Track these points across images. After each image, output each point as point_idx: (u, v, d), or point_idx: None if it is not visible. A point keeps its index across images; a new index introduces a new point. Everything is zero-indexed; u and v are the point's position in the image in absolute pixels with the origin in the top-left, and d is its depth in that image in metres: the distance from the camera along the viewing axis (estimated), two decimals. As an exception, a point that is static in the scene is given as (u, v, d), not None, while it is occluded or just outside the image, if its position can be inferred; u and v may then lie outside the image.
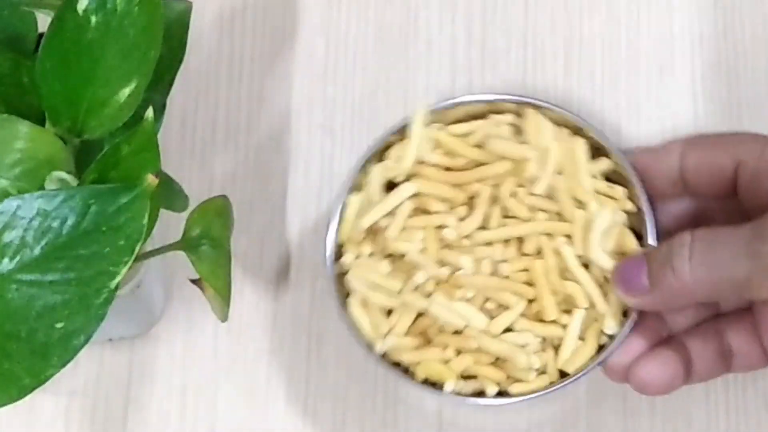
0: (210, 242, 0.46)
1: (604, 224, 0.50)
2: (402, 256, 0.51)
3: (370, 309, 0.51)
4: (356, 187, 0.53)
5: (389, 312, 0.52)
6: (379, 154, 0.54)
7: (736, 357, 0.49)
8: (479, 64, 0.62)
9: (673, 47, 0.61)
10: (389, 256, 0.52)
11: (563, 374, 0.51)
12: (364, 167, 0.53)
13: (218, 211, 0.47)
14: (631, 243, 0.51)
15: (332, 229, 0.52)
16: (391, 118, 0.61)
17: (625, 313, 0.50)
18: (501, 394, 0.50)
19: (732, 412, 0.56)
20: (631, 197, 0.52)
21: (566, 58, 0.62)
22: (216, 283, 0.45)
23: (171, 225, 0.49)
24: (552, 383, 0.50)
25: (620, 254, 0.50)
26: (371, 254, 0.52)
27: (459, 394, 0.50)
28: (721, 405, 0.56)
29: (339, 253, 0.52)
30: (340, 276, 0.52)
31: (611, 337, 0.50)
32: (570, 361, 0.50)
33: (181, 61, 0.46)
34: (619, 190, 0.52)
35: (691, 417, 0.56)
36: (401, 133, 0.53)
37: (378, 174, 0.53)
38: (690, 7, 0.62)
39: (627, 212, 0.52)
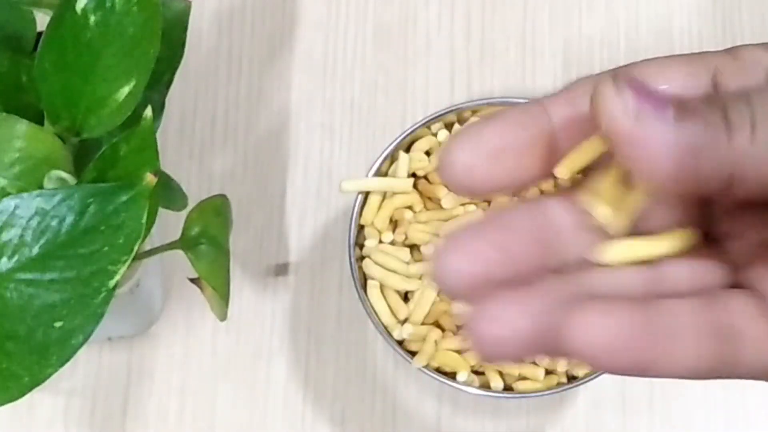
0: (209, 241, 0.46)
1: None
2: (420, 246, 0.53)
3: (388, 295, 0.52)
4: (381, 173, 0.54)
5: (405, 299, 0.53)
6: (406, 144, 0.55)
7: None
8: (478, 63, 0.62)
9: (672, 47, 0.61)
10: (410, 245, 0.54)
11: (570, 378, 0.52)
12: (390, 155, 0.54)
13: (217, 210, 0.47)
14: None
15: (355, 213, 0.53)
16: (390, 117, 0.61)
17: None
18: (506, 391, 0.51)
19: (731, 412, 0.56)
20: None
21: (565, 58, 0.62)
22: (215, 282, 0.45)
23: (170, 224, 0.49)
24: (559, 384, 0.51)
25: None
26: (392, 242, 0.54)
27: (468, 385, 0.51)
28: (720, 405, 0.56)
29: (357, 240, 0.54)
30: (359, 261, 0.53)
31: None
32: (579, 365, 0.51)
33: (179, 60, 0.46)
34: None
35: (690, 417, 0.56)
36: (429, 126, 0.55)
37: (405, 163, 0.54)
38: (689, 7, 0.62)
39: None
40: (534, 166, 0.26)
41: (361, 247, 0.54)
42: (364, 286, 0.53)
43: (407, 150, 0.55)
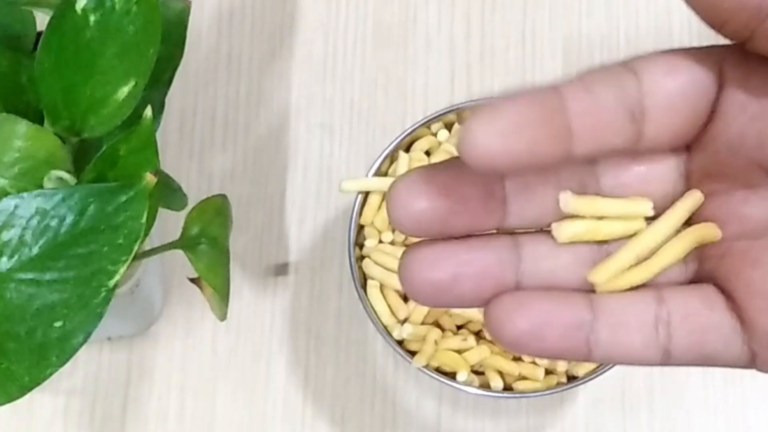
0: (208, 241, 0.46)
1: None
2: None
3: (388, 295, 0.52)
4: (381, 173, 0.54)
5: (405, 299, 0.53)
6: (406, 144, 0.55)
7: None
8: (478, 63, 0.62)
9: (672, 45, 0.61)
10: (410, 245, 0.53)
11: (570, 378, 0.52)
12: (390, 155, 0.54)
13: (217, 210, 0.47)
14: None
15: (355, 213, 0.53)
16: (389, 117, 0.61)
17: None
18: (506, 390, 0.51)
19: (731, 411, 0.56)
20: None
21: (565, 57, 0.62)
22: (214, 282, 0.45)
23: (170, 224, 0.49)
24: (559, 384, 0.51)
25: None
26: (392, 242, 0.53)
27: (468, 385, 0.51)
28: (720, 405, 0.56)
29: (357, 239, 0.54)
30: (358, 261, 0.53)
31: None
32: (579, 365, 0.51)
33: (179, 60, 0.46)
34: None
35: (690, 417, 0.56)
36: (429, 125, 0.55)
37: (405, 163, 0.54)
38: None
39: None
40: (550, 146, 0.26)
41: (361, 247, 0.54)
42: (364, 286, 0.53)
43: (407, 150, 0.55)
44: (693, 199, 0.28)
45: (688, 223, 0.29)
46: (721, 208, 0.28)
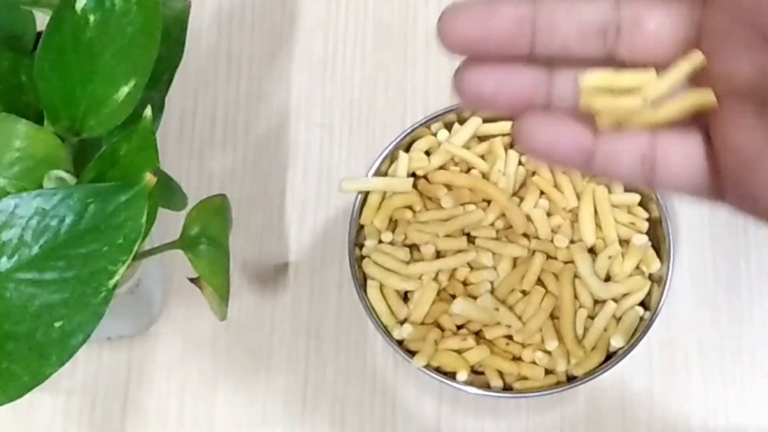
0: (208, 241, 0.46)
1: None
2: (419, 246, 0.53)
3: (388, 295, 0.52)
4: (380, 173, 0.54)
5: (405, 299, 0.53)
6: (406, 144, 0.55)
7: None
8: (478, 63, 0.62)
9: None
10: (409, 245, 0.54)
11: (569, 378, 0.52)
12: (390, 155, 0.54)
13: (217, 209, 0.47)
14: (654, 261, 0.53)
15: (355, 213, 0.53)
16: (389, 117, 0.61)
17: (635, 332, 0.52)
18: (506, 390, 0.52)
19: (731, 411, 0.56)
20: (647, 204, 0.53)
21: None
22: (214, 282, 0.45)
23: (169, 224, 0.49)
24: (559, 384, 0.51)
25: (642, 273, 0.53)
26: (392, 242, 0.53)
27: (468, 385, 0.51)
28: (720, 405, 0.56)
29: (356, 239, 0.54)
30: (358, 261, 0.53)
31: (620, 349, 0.52)
32: (579, 365, 0.51)
33: (179, 59, 0.46)
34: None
35: (690, 417, 0.56)
36: (428, 125, 0.55)
37: (405, 163, 0.54)
38: (689, 6, 0.62)
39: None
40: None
41: (361, 247, 0.54)
42: (364, 286, 0.53)
43: (407, 150, 0.55)
44: (694, 59, 0.31)
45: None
46: (715, 64, 0.32)
